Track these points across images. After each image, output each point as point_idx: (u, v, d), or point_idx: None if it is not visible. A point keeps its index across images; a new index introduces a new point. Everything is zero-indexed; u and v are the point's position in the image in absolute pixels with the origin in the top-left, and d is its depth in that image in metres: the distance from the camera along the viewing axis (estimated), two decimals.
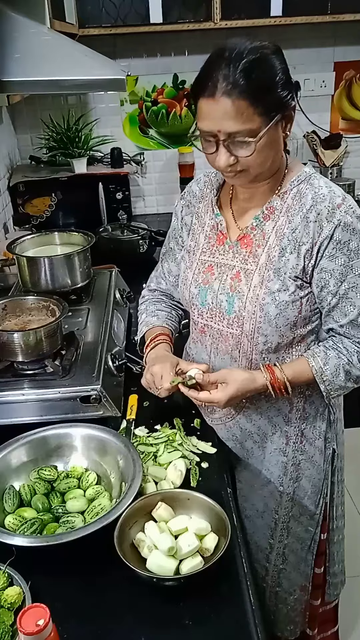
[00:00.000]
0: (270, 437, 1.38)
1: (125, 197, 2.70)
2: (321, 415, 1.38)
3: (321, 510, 1.47)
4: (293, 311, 1.23)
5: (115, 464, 1.22)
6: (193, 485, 1.23)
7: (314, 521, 1.47)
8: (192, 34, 2.72)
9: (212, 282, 1.31)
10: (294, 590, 1.55)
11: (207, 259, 1.34)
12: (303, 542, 1.49)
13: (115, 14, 2.45)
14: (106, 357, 1.48)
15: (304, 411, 1.36)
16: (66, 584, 1.03)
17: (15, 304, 1.56)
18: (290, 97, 1.15)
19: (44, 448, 1.27)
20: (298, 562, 1.51)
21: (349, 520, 1.65)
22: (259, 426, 1.37)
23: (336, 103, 3.08)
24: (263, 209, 1.26)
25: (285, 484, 1.42)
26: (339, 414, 1.45)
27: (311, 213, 1.20)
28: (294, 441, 1.38)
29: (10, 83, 1.27)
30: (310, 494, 1.44)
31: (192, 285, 1.35)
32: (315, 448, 1.40)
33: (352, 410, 1.69)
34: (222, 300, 1.29)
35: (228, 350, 1.32)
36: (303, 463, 1.40)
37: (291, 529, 1.47)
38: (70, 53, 1.53)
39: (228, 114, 1.09)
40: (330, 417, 1.40)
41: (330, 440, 1.42)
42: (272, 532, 1.48)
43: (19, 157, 2.97)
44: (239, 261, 1.28)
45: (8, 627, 0.92)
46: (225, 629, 0.95)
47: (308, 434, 1.38)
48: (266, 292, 1.23)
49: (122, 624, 0.96)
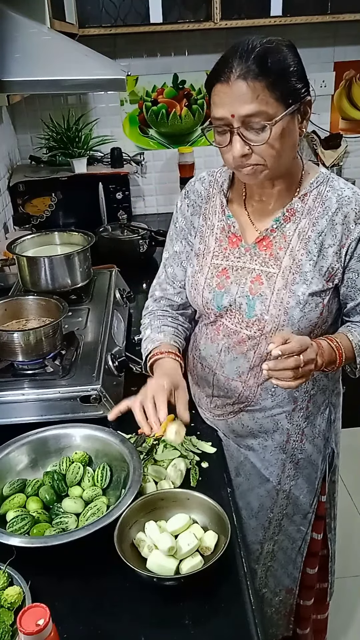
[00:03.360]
0: (271, 434, 1.38)
1: (125, 197, 2.70)
2: (322, 414, 1.38)
3: (314, 509, 1.47)
4: (316, 313, 1.23)
5: (115, 464, 1.23)
6: (193, 485, 1.23)
7: (306, 520, 1.47)
8: (192, 34, 2.73)
9: (228, 285, 1.28)
10: (280, 591, 1.54)
11: (221, 263, 1.30)
12: (294, 542, 1.49)
13: (115, 13, 2.45)
14: (106, 357, 1.48)
15: (307, 410, 1.36)
16: (66, 584, 1.03)
17: (15, 304, 1.56)
18: (306, 92, 1.15)
19: (44, 448, 1.27)
20: (287, 562, 1.51)
21: (349, 520, 1.66)
22: (261, 424, 1.37)
23: (336, 103, 3.08)
24: (284, 211, 1.24)
25: (282, 481, 1.42)
26: (338, 414, 1.45)
27: (337, 216, 1.20)
28: (294, 439, 1.38)
29: (10, 83, 1.27)
30: (305, 493, 1.44)
31: (206, 291, 1.31)
32: (315, 447, 1.40)
33: (352, 410, 1.69)
34: (242, 303, 1.26)
35: (242, 350, 1.30)
36: (302, 462, 1.40)
37: (283, 527, 1.47)
38: (70, 53, 1.53)
39: (243, 96, 1.07)
40: (331, 416, 1.40)
41: (330, 439, 1.42)
42: (264, 531, 1.47)
43: (19, 157, 2.97)
44: (259, 264, 1.25)
45: (8, 627, 0.92)
46: (225, 629, 0.95)
47: (308, 433, 1.38)
48: (291, 295, 1.21)
49: (122, 623, 0.96)
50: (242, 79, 1.07)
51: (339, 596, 1.70)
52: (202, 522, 1.10)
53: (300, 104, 1.14)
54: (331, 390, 1.39)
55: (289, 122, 1.12)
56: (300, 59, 1.14)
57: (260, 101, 1.07)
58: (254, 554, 1.50)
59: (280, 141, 1.12)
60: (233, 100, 1.08)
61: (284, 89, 1.09)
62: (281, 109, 1.09)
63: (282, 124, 1.10)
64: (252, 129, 1.10)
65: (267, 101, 1.08)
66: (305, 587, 1.57)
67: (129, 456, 1.19)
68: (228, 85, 1.08)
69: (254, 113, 1.08)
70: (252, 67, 1.06)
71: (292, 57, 1.12)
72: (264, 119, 1.09)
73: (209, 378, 1.39)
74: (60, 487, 1.19)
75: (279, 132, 1.10)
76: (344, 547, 1.64)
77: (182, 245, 1.40)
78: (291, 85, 1.11)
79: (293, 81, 1.11)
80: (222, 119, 1.11)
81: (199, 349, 1.41)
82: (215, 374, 1.37)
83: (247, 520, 1.48)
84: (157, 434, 1.27)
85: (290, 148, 1.16)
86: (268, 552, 1.49)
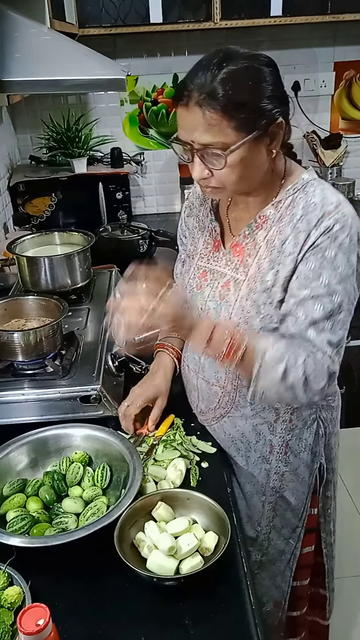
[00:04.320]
0: (253, 445, 1.35)
1: (125, 197, 2.70)
2: (309, 428, 1.34)
3: (303, 523, 1.43)
4: (276, 323, 1.19)
5: (115, 464, 1.23)
6: (193, 485, 1.23)
7: (295, 534, 1.44)
8: (192, 34, 2.72)
9: (204, 288, 1.30)
10: (267, 602, 1.50)
11: (203, 265, 1.33)
12: (283, 554, 1.45)
13: (115, 13, 2.45)
14: (106, 357, 1.48)
15: (291, 422, 1.32)
16: (66, 584, 1.03)
17: (15, 304, 1.56)
18: (277, 113, 1.09)
19: (44, 448, 1.27)
20: (275, 574, 1.48)
21: (349, 520, 1.65)
22: (243, 432, 1.34)
23: (336, 103, 3.08)
24: (256, 218, 1.23)
25: (267, 492, 1.38)
26: (331, 428, 1.39)
27: (301, 223, 1.15)
28: (278, 451, 1.34)
29: (10, 83, 1.27)
30: (293, 506, 1.40)
31: (187, 290, 1.34)
32: (301, 460, 1.36)
33: (352, 410, 1.69)
34: (210, 308, 1.27)
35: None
36: (287, 475, 1.37)
37: (272, 540, 1.44)
38: (70, 53, 1.53)
39: (200, 125, 1.05)
40: (319, 430, 1.36)
41: (318, 454, 1.37)
42: (251, 541, 1.44)
43: (19, 157, 2.97)
44: (230, 269, 1.26)
45: (8, 627, 0.92)
46: (225, 629, 0.95)
47: (293, 446, 1.35)
48: (252, 304, 1.19)
49: (122, 623, 0.96)
50: (198, 106, 1.04)
51: (339, 596, 1.70)
52: (202, 522, 1.10)
53: (268, 127, 1.09)
54: (319, 405, 1.35)
55: (251, 148, 1.09)
56: (279, 77, 1.10)
57: (217, 132, 1.05)
58: None
59: (240, 167, 1.09)
60: (191, 127, 1.07)
61: (244, 116, 1.05)
62: (240, 137, 1.06)
63: (240, 152, 1.07)
64: (212, 153, 1.08)
65: (225, 130, 1.05)
66: (296, 597, 1.53)
67: (129, 456, 1.19)
68: (187, 109, 1.06)
69: (210, 143, 1.06)
70: (212, 93, 1.03)
71: (267, 77, 1.07)
72: (219, 148, 1.06)
73: (193, 381, 1.39)
74: (61, 487, 1.19)
75: (237, 160, 1.08)
76: (344, 547, 1.63)
77: (179, 244, 1.46)
78: (254, 111, 1.06)
79: (261, 106, 1.06)
80: (184, 141, 1.10)
81: (187, 352, 1.42)
82: (198, 377, 1.36)
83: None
84: (157, 434, 1.33)
85: (254, 171, 1.14)
86: (255, 561, 1.46)
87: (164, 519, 1.09)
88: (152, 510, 1.10)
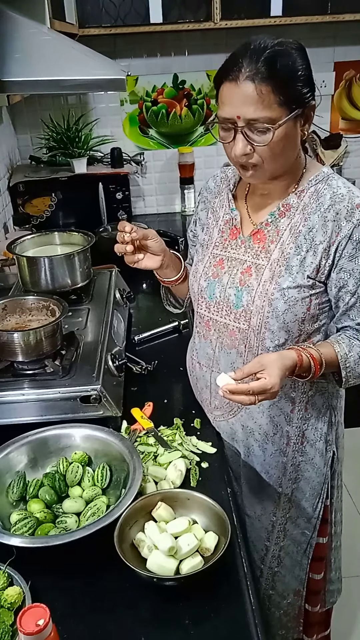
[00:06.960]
0: (271, 437, 1.38)
1: (125, 197, 2.70)
2: (323, 416, 1.38)
3: (319, 514, 1.46)
4: (302, 308, 1.23)
5: (115, 464, 1.23)
6: (193, 485, 1.23)
7: (310, 524, 1.46)
8: (192, 34, 2.73)
9: (221, 275, 1.32)
10: (288, 595, 1.54)
11: (219, 253, 1.35)
12: (299, 545, 1.48)
13: (115, 14, 2.45)
14: (106, 357, 1.48)
15: (306, 412, 1.36)
16: (66, 584, 1.03)
17: (15, 304, 1.56)
18: (311, 97, 1.16)
19: (44, 448, 1.27)
20: (293, 566, 1.51)
21: (349, 520, 1.65)
22: (260, 425, 1.37)
23: (336, 103, 3.08)
24: (279, 206, 1.27)
25: (284, 484, 1.41)
26: (339, 417, 1.45)
27: (329, 212, 1.21)
28: (295, 442, 1.38)
29: (10, 83, 1.27)
30: (308, 497, 1.43)
31: (202, 278, 1.35)
32: (316, 450, 1.39)
33: (352, 410, 1.69)
34: (231, 294, 1.29)
35: (234, 344, 1.31)
36: (303, 465, 1.40)
37: (288, 531, 1.46)
38: (70, 53, 1.53)
39: (250, 99, 1.09)
40: (332, 419, 1.40)
41: (330, 442, 1.41)
42: (268, 534, 1.47)
43: (19, 157, 2.97)
44: (251, 256, 1.29)
45: (8, 627, 0.92)
46: (225, 629, 0.95)
47: (309, 435, 1.38)
48: (276, 287, 1.23)
49: (122, 624, 0.96)
50: (250, 80, 1.09)
51: (341, 596, 1.70)
52: (202, 522, 1.10)
53: (304, 108, 1.15)
54: (331, 392, 1.38)
55: (291, 126, 1.15)
56: (309, 63, 1.17)
57: (266, 105, 1.10)
58: (258, 553, 1.50)
59: (281, 144, 1.15)
60: (240, 102, 1.11)
61: (289, 93, 1.11)
62: (285, 113, 1.12)
63: (284, 128, 1.13)
64: (256, 129, 1.12)
65: (272, 105, 1.10)
66: (311, 592, 1.56)
67: (129, 456, 1.19)
68: (236, 84, 1.10)
69: (258, 118, 1.11)
70: (261, 69, 1.08)
71: (300, 62, 1.14)
72: (267, 122, 1.11)
73: (207, 377, 1.40)
74: (61, 488, 1.19)
75: (281, 136, 1.13)
76: (345, 547, 1.64)
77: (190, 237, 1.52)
78: (297, 90, 1.13)
79: (299, 86, 1.13)
80: (227, 119, 1.14)
81: (196, 349, 1.44)
82: (212, 372, 1.37)
83: (252, 520, 1.48)
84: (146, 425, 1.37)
85: (291, 150, 1.19)
86: (274, 556, 1.49)
87: (164, 519, 1.09)
88: (152, 511, 1.11)
